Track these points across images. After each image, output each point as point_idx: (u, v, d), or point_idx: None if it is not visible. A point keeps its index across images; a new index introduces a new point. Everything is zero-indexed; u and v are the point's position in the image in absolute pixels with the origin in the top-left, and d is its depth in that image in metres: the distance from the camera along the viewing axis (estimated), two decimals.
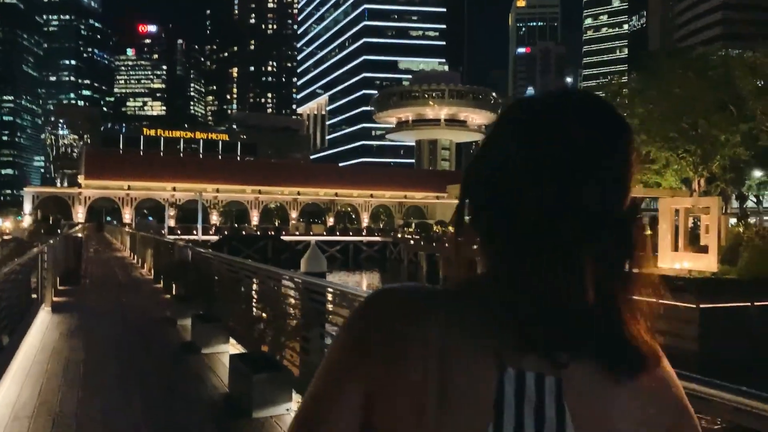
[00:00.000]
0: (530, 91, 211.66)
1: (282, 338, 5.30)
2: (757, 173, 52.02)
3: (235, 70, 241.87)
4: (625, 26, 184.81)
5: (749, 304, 17.86)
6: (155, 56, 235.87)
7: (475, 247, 0.80)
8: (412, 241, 53.86)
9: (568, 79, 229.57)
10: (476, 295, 0.76)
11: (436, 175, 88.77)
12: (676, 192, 30.27)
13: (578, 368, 0.72)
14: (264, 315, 5.67)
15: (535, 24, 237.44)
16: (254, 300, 6.43)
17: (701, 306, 17.08)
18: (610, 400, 0.73)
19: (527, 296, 0.72)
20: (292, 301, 5.82)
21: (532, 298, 0.72)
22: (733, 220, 36.71)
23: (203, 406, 5.39)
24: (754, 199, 61.88)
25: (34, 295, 10.29)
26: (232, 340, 7.23)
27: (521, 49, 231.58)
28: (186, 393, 5.79)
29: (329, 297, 5.55)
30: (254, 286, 6.62)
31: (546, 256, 0.71)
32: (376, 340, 0.75)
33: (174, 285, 10.66)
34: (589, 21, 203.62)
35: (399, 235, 61.80)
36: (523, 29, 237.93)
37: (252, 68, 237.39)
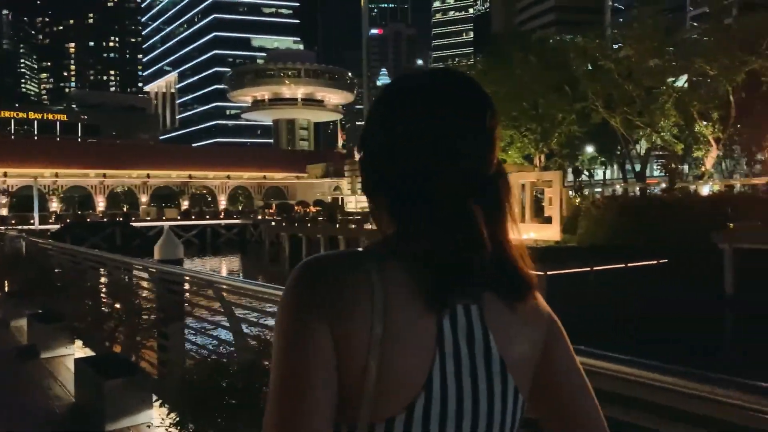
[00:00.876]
0: (384, 72, 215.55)
1: (137, 336, 4.74)
2: (589, 149, 56.80)
3: (73, 45, 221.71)
4: (471, 10, 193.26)
5: (589, 269, 19.48)
6: None
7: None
8: (273, 223, 52.97)
9: (419, 62, 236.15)
10: (398, 252, 0.86)
11: (296, 155, 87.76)
12: (522, 167, 32.32)
13: (489, 297, 0.88)
14: (115, 311, 5.10)
15: (386, 6, 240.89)
16: (102, 294, 5.75)
17: (547, 273, 18.38)
18: (511, 321, 0.90)
19: (440, 247, 0.84)
20: (147, 293, 5.31)
21: (443, 247, 0.84)
22: (570, 193, 39.89)
23: (44, 420, 4.71)
24: (587, 173, 67.77)
25: None
26: (78, 342, 6.45)
27: (374, 31, 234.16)
28: (23, 405, 5.09)
29: (188, 286, 5.10)
30: (102, 279, 5.90)
31: (446, 212, 0.85)
32: (325, 301, 0.81)
33: (5, 282, 9.47)
34: (437, 4, 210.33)
35: (259, 217, 60.53)
36: (375, 10, 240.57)
37: (92, 43, 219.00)
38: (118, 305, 5.14)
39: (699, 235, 21.49)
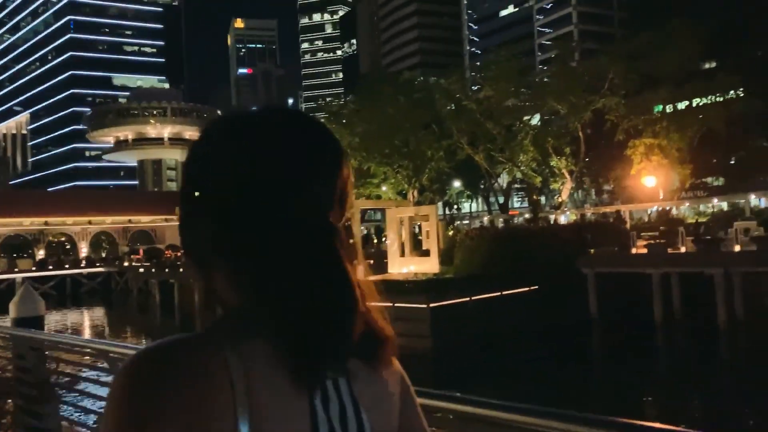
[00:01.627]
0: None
1: None
2: (456, 183, 59.61)
3: None
4: (339, 52, 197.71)
5: (468, 299, 20.30)
6: None
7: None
8: (141, 269, 50.17)
9: (290, 100, 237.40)
10: (252, 326, 0.75)
11: (163, 197, 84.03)
12: (400, 202, 33.33)
13: (355, 365, 0.82)
14: None
15: (254, 46, 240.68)
16: None
17: (431, 305, 18.92)
18: (379, 390, 0.85)
19: (303, 313, 0.75)
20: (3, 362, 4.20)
21: (310, 311, 0.75)
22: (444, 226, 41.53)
23: None
24: (456, 207, 70.93)
25: None
26: None
27: (242, 70, 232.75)
28: None
29: (66, 355, 4.03)
30: None
31: (310, 266, 0.76)
32: (176, 401, 0.67)
33: None
34: (305, 45, 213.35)
35: (125, 264, 57.15)
36: (243, 50, 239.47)
37: None
38: None
39: (565, 261, 23.18)
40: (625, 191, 44.24)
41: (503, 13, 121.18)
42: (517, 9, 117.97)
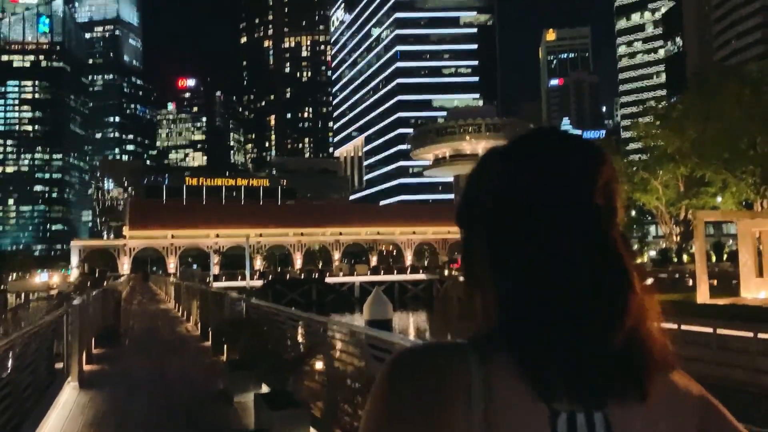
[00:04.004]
0: (566, 121, 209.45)
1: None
2: None
3: (273, 117, 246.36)
4: (661, 51, 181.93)
5: None
6: (195, 109, 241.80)
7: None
8: (460, 278, 51.87)
9: (603, 108, 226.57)
10: (508, 342, 0.76)
11: None
12: (756, 214, 27.92)
13: (616, 399, 0.75)
14: (350, 393, 4.11)
15: (566, 56, 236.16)
16: (337, 370, 4.71)
17: None
18: (648, 422, 0.75)
19: (568, 339, 0.74)
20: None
21: (576, 339, 0.74)
22: None
23: None
24: None
25: (59, 364, 8.63)
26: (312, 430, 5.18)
27: (554, 81, 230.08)
28: None
29: None
30: (337, 352, 4.83)
31: (588, 298, 0.75)
32: (419, 399, 0.73)
33: (225, 347, 9.13)
34: (622, 49, 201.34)
35: (446, 273, 59.96)
36: (555, 61, 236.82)
37: (289, 115, 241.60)
38: (355, 384, 4.14)
39: None
40: None
41: None
42: None
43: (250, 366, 6.32)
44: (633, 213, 68.24)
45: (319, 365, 5.08)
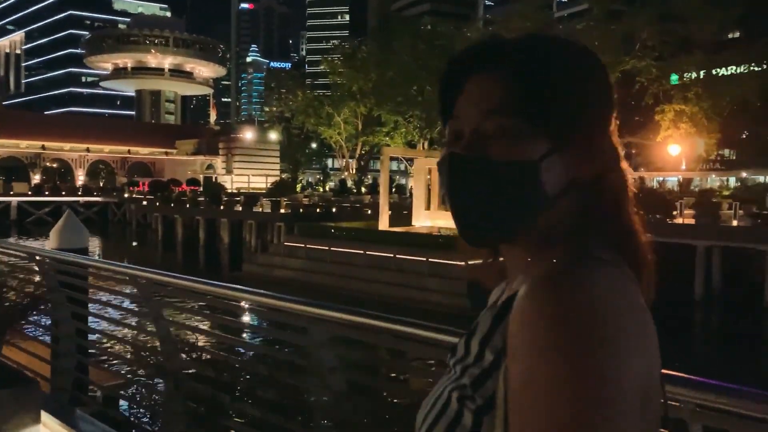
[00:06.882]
0: (254, 48, 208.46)
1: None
2: None
3: None
4: None
5: None
6: None
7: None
8: (144, 201, 48.77)
9: (290, 41, 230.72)
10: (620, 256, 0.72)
11: (163, 130, 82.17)
12: (431, 153, 32.04)
13: None
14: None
15: None
16: None
17: (469, 263, 17.85)
18: None
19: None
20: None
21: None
22: None
23: None
24: None
25: None
26: None
27: (244, 5, 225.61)
28: None
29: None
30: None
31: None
32: (637, 340, 0.64)
33: None
34: None
35: (125, 195, 55.74)
36: None
37: None
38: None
39: None
40: (648, 158, 43.03)
41: None
42: None
43: None
44: (314, 145, 72.27)
45: None
